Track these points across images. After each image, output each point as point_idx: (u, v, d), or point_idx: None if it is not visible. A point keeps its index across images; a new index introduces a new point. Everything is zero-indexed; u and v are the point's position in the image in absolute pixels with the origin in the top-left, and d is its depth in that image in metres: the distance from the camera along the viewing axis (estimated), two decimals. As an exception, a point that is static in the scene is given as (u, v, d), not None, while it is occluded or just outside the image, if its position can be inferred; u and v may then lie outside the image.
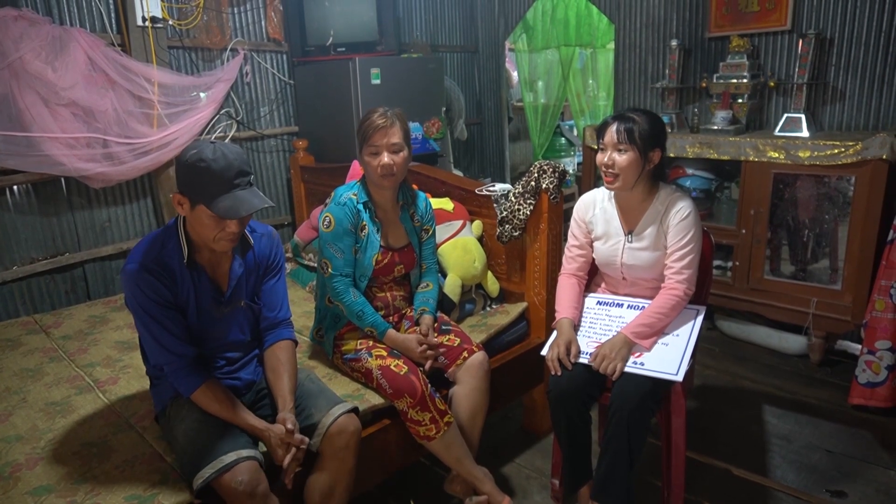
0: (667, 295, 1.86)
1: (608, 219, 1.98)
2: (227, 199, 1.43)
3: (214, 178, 1.42)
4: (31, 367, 2.10)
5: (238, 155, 1.47)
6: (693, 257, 1.86)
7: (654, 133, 1.82)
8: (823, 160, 2.65)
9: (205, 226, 1.48)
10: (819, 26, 2.95)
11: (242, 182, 1.46)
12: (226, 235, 1.49)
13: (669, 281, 1.88)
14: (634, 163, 1.81)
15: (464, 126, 4.41)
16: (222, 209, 1.42)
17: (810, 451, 2.32)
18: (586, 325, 1.97)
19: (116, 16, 2.80)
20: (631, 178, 1.84)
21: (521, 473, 2.26)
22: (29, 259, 2.70)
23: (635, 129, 1.80)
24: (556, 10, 4.37)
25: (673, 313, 1.86)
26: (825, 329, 2.84)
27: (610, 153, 1.84)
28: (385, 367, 1.84)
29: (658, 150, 1.84)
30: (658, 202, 1.90)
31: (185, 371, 1.54)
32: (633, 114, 1.84)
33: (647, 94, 3.70)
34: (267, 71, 3.43)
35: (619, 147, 1.82)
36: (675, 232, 1.85)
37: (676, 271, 1.86)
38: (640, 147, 1.80)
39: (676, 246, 1.85)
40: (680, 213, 1.85)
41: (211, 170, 1.42)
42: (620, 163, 1.82)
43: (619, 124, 1.82)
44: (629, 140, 1.80)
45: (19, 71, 2.43)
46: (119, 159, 2.74)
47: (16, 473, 1.52)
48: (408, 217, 2.08)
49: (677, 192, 1.90)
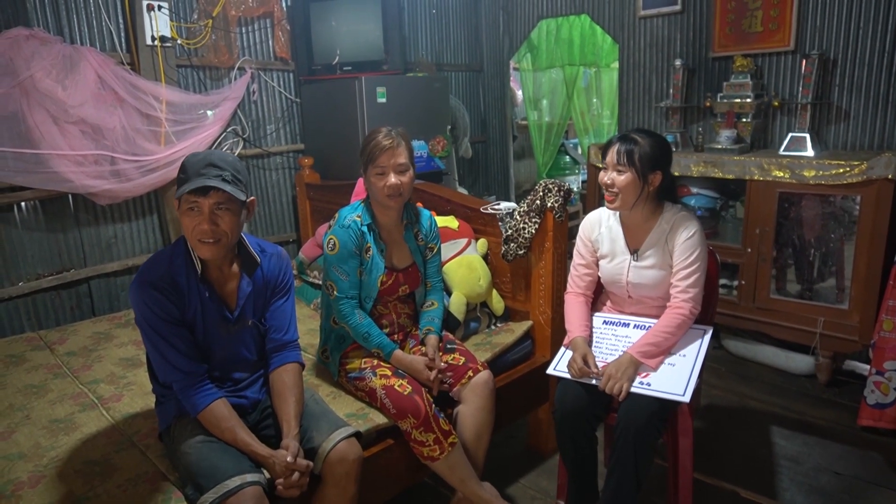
0: (673, 314, 1.86)
1: (613, 237, 1.98)
2: (189, 184, 1.46)
3: (186, 170, 1.49)
4: (36, 384, 2.09)
5: (220, 156, 1.52)
6: (698, 276, 1.85)
7: (654, 156, 1.83)
8: (829, 179, 2.65)
9: (184, 224, 1.51)
10: (822, 46, 2.97)
11: (210, 172, 1.47)
12: (198, 233, 1.49)
13: (675, 300, 1.87)
14: (632, 184, 1.83)
15: (468, 144, 4.44)
16: (182, 189, 1.47)
17: (819, 474, 2.29)
18: (592, 345, 1.96)
19: (126, 35, 2.84)
20: (629, 198, 1.85)
21: (525, 494, 2.23)
22: (35, 275, 2.71)
23: (636, 150, 1.81)
24: (560, 30, 4.41)
25: (679, 332, 1.86)
26: (832, 349, 2.82)
27: (610, 172, 1.86)
28: (389, 387, 1.83)
29: (659, 173, 1.85)
30: (663, 221, 1.90)
31: (193, 390, 1.53)
32: (637, 135, 1.85)
33: (651, 113, 3.71)
34: (274, 89, 3.47)
35: (618, 167, 1.84)
36: (681, 251, 1.85)
37: (682, 290, 1.86)
38: (638, 169, 1.81)
39: (682, 265, 1.85)
40: (685, 233, 1.85)
41: (187, 162, 1.50)
42: (619, 183, 1.84)
43: (621, 145, 1.83)
44: (628, 162, 1.82)
45: (30, 89, 2.46)
46: (126, 176, 2.76)
47: (18, 492, 1.51)
48: (412, 236, 2.08)
49: (683, 212, 1.90)
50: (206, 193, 1.47)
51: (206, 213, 1.48)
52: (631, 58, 3.74)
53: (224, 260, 1.61)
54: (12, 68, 2.41)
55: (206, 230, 1.49)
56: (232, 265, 1.64)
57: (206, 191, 1.46)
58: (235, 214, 1.53)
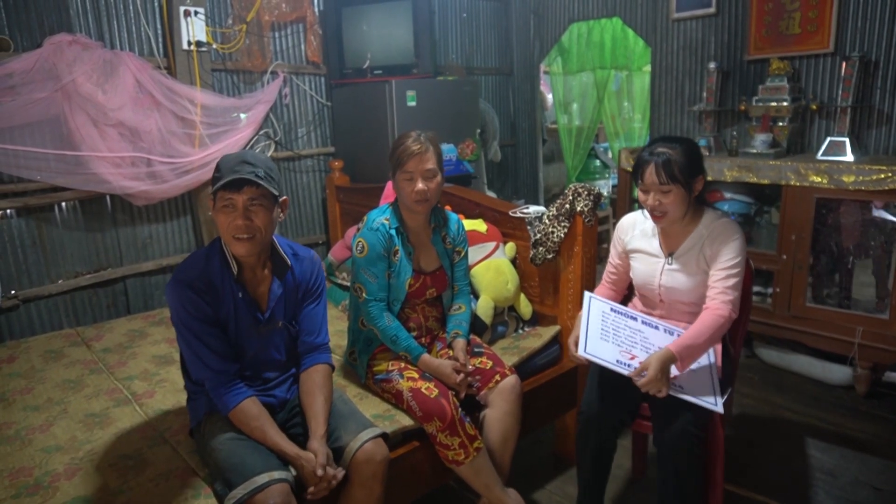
0: (713, 315, 1.78)
1: (649, 239, 1.95)
2: (226, 178, 1.50)
3: (221, 167, 1.53)
4: (73, 379, 2.15)
5: (253, 154, 1.56)
6: (738, 281, 1.80)
7: (691, 162, 1.78)
8: (869, 185, 2.58)
9: (219, 222, 1.54)
10: (863, 48, 2.89)
11: (243, 169, 1.50)
12: (233, 229, 1.52)
13: (714, 301, 1.80)
14: (681, 198, 1.78)
15: (498, 148, 4.43)
16: (219, 184, 1.50)
17: (857, 488, 2.22)
18: (610, 331, 1.86)
19: (163, 40, 2.91)
20: (680, 212, 1.81)
21: (551, 500, 2.21)
22: (73, 273, 2.79)
23: (674, 165, 1.75)
24: (591, 33, 4.38)
25: (717, 335, 1.78)
26: (872, 360, 2.73)
27: (654, 195, 1.79)
28: (416, 390, 1.83)
29: (700, 177, 1.81)
30: (702, 226, 1.86)
31: (224, 388, 1.56)
32: (665, 147, 1.78)
33: (684, 116, 3.66)
34: (305, 93, 3.51)
35: (661, 189, 1.77)
36: (723, 254, 1.80)
37: (721, 291, 1.79)
38: (683, 182, 1.76)
39: (723, 266, 1.80)
40: (728, 238, 1.80)
41: (220, 163, 1.53)
42: (668, 203, 1.78)
43: (658, 164, 1.76)
44: (670, 179, 1.75)
45: (72, 93, 2.53)
46: (162, 178, 2.82)
47: (55, 483, 1.56)
48: (440, 240, 2.09)
49: (724, 218, 1.86)
50: (239, 189, 1.50)
51: (240, 209, 1.51)
52: (663, 61, 3.69)
53: (258, 262, 1.64)
54: (55, 73, 2.49)
55: (241, 226, 1.52)
56: (265, 268, 1.66)
57: (240, 185, 1.49)
58: (269, 211, 1.55)
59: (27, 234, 2.64)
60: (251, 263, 1.63)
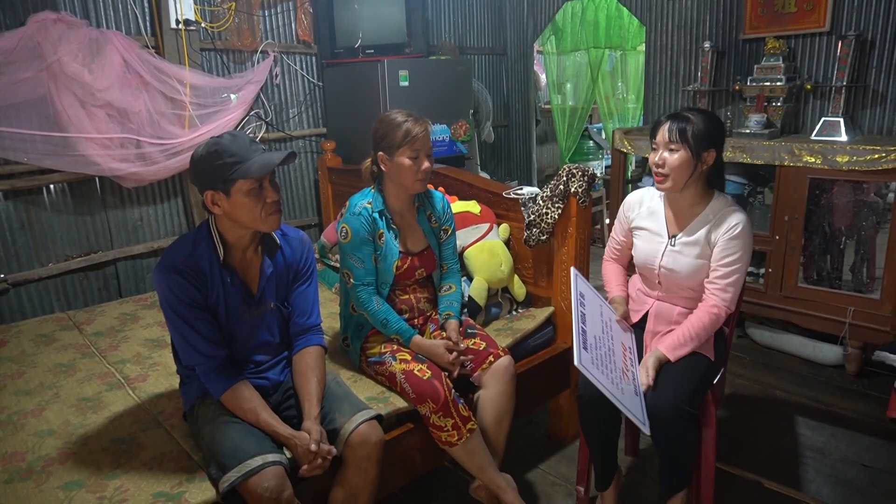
0: (707, 311, 1.78)
1: (655, 218, 1.92)
2: (254, 161, 1.47)
3: (233, 153, 1.47)
4: (65, 363, 2.14)
5: (242, 133, 1.54)
6: (738, 277, 1.77)
7: (708, 133, 1.74)
8: (863, 165, 2.58)
9: (246, 207, 1.50)
10: (860, 27, 2.87)
11: (260, 148, 1.50)
12: (269, 207, 1.51)
13: (711, 297, 1.79)
14: (686, 163, 1.74)
15: (491, 128, 4.40)
16: (256, 169, 1.46)
17: (846, 466, 2.25)
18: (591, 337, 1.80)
19: (151, 18, 2.85)
20: (682, 178, 1.76)
21: (545, 480, 2.23)
22: (64, 256, 2.77)
23: (689, 128, 1.73)
24: (585, 12, 4.34)
25: (711, 331, 1.79)
26: (862, 339, 2.76)
27: (661, 152, 1.77)
28: (409, 372, 1.83)
29: (713, 151, 1.77)
30: (709, 210, 1.81)
31: (215, 372, 1.55)
32: (688, 113, 1.77)
33: (679, 96, 3.64)
34: (296, 73, 3.46)
35: (670, 146, 1.75)
36: (725, 247, 1.76)
37: (720, 287, 1.78)
38: (692, 146, 1.73)
39: (723, 262, 1.77)
40: (733, 229, 1.76)
41: (227, 148, 1.47)
42: (671, 162, 1.75)
43: (673, 123, 1.75)
44: (681, 139, 1.73)
45: (57, 73, 2.49)
46: (151, 159, 2.79)
47: (48, 468, 1.55)
48: (425, 219, 2.07)
49: (733, 206, 1.81)
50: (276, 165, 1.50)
51: (267, 185, 1.51)
52: (658, 40, 3.66)
53: (249, 243, 1.62)
54: (40, 52, 2.44)
55: (277, 199, 1.53)
56: (256, 249, 1.65)
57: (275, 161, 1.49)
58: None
59: (15, 217, 2.61)
60: (243, 245, 1.61)
